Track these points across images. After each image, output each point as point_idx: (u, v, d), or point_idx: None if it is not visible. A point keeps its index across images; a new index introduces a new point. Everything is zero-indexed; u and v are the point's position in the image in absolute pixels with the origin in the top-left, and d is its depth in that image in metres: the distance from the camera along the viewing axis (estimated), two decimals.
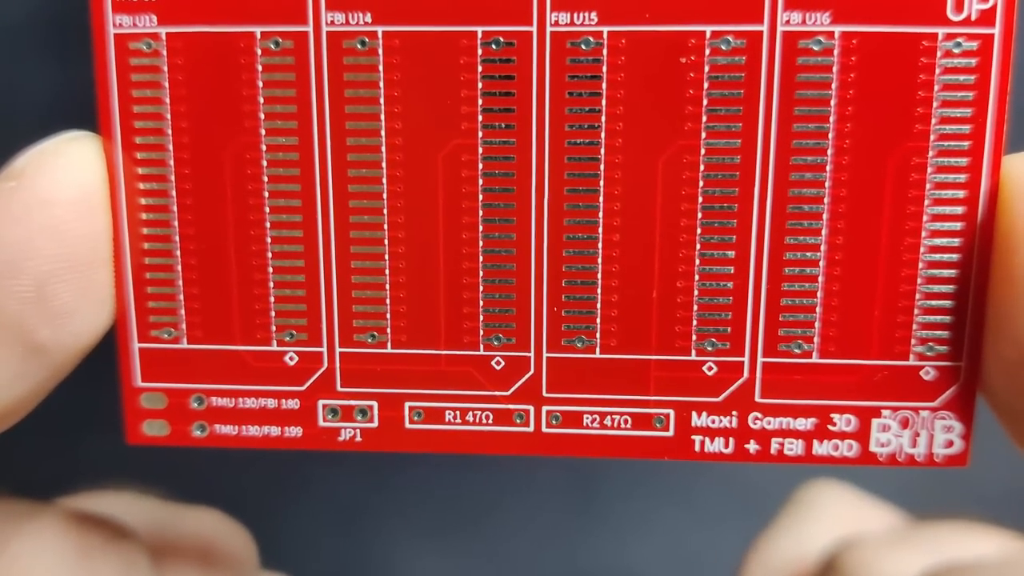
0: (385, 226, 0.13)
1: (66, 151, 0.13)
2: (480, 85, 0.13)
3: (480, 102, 0.13)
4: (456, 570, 0.27)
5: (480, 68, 0.13)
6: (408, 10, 0.13)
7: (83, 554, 0.14)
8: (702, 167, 0.13)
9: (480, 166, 0.13)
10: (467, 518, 0.27)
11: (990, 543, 0.17)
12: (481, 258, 0.13)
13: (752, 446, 0.14)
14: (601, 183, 0.13)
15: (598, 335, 0.13)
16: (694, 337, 0.13)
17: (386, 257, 0.13)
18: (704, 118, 0.13)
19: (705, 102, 0.13)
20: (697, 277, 0.13)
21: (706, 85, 0.13)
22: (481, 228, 0.13)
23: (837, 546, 0.18)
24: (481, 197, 0.13)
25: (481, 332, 0.14)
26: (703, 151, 0.13)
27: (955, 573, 0.15)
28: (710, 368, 0.14)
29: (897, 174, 0.13)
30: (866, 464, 0.14)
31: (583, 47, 0.13)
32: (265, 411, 0.14)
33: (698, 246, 0.13)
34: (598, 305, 0.13)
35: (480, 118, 0.13)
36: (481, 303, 0.13)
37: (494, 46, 0.13)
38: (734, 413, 0.14)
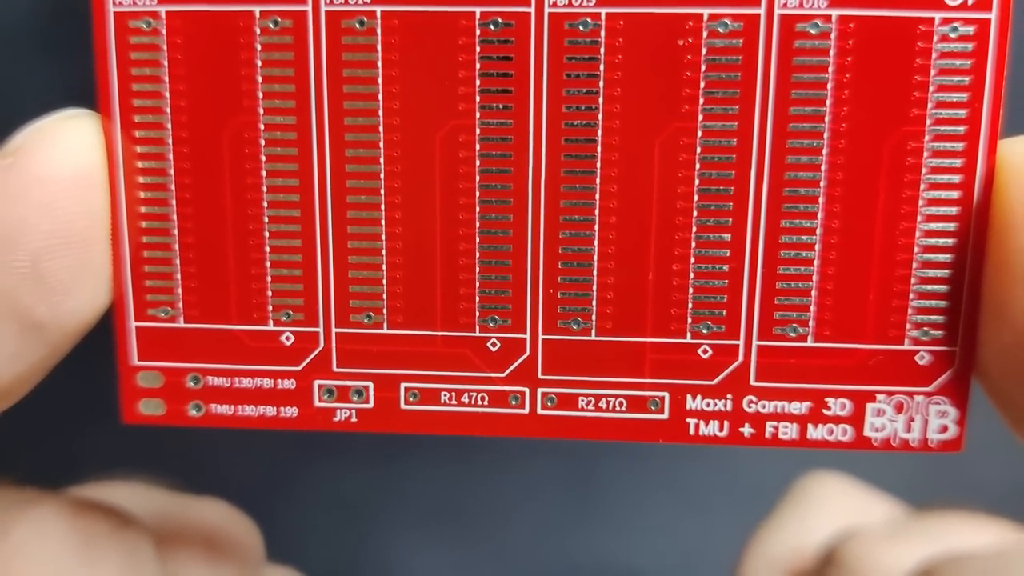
0: (382, 207, 0.13)
1: (63, 128, 0.13)
2: (478, 66, 0.13)
3: (478, 83, 0.13)
4: (456, 560, 0.27)
5: (478, 49, 0.13)
6: None
7: (87, 542, 0.14)
8: (699, 149, 0.13)
9: (477, 147, 0.13)
10: (466, 509, 0.27)
11: (988, 533, 0.17)
12: (478, 239, 0.13)
13: (746, 430, 0.14)
14: (598, 165, 0.13)
15: (594, 317, 0.13)
16: (689, 320, 0.13)
17: (383, 238, 0.13)
18: (701, 100, 0.13)
19: (702, 84, 0.13)
20: (693, 260, 0.13)
21: (703, 67, 0.13)
22: (478, 209, 0.13)
23: (836, 537, 0.18)
24: (478, 178, 0.13)
25: (477, 313, 0.14)
26: (700, 133, 0.13)
27: (953, 564, 0.15)
28: (705, 351, 0.14)
29: (893, 158, 0.13)
30: (860, 449, 0.14)
31: (581, 28, 0.13)
32: (261, 391, 0.14)
33: (694, 229, 0.13)
34: (594, 287, 0.13)
35: (478, 99, 0.13)
36: (477, 284, 0.13)
37: (492, 27, 0.13)
38: (729, 396, 0.14)
